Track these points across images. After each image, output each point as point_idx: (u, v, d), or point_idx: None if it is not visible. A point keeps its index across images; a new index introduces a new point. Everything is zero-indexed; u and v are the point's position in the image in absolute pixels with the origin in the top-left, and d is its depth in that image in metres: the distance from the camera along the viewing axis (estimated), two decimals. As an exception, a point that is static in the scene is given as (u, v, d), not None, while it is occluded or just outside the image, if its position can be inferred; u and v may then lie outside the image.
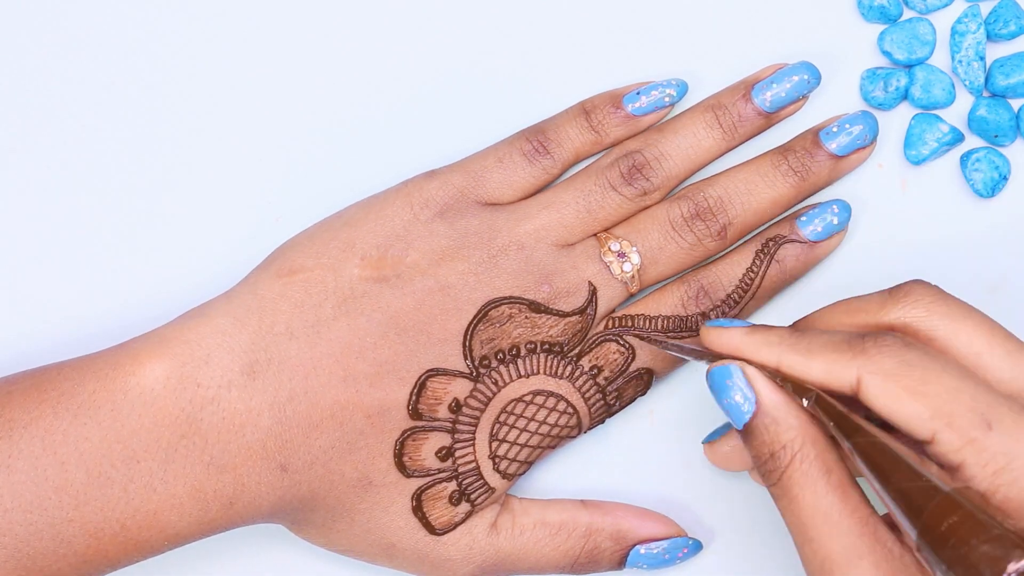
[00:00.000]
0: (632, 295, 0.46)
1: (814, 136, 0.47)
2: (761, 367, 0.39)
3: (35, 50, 0.49)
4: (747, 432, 0.39)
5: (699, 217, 0.46)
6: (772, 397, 0.39)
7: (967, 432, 0.36)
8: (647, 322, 0.46)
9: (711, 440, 0.45)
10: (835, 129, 0.46)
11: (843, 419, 0.37)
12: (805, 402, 0.38)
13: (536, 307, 0.45)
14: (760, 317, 0.48)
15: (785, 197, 0.46)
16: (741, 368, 0.39)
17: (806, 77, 0.46)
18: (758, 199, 0.46)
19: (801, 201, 0.47)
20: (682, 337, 0.46)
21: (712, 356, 0.41)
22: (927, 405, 0.36)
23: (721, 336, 0.40)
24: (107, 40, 0.49)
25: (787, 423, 0.38)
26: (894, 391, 0.37)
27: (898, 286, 0.40)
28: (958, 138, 0.47)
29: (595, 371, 0.45)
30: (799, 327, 0.41)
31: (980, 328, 0.39)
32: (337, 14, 0.49)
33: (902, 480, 0.35)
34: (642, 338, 0.45)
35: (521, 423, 0.45)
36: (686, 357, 0.43)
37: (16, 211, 0.48)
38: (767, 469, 0.38)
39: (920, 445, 0.37)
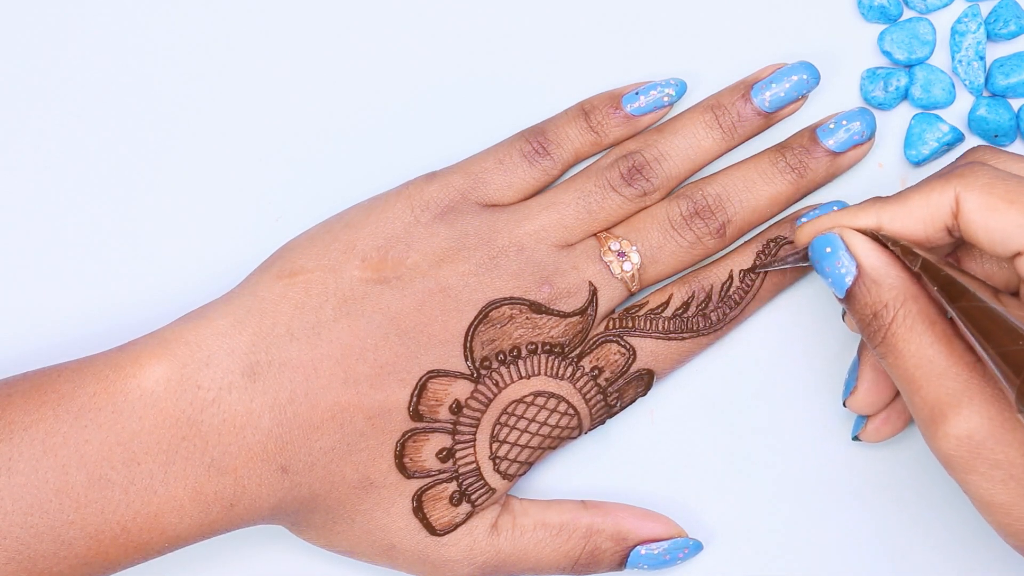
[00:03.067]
0: (633, 294, 0.46)
1: (811, 133, 0.47)
2: (863, 232, 0.41)
3: (35, 51, 0.49)
4: (849, 298, 0.40)
5: (698, 215, 0.46)
6: (872, 259, 0.40)
7: None
8: (647, 322, 0.46)
9: (849, 395, 0.45)
10: (832, 126, 0.46)
11: (950, 283, 0.38)
12: (913, 267, 0.39)
13: (537, 308, 0.45)
14: (760, 317, 0.48)
15: (784, 194, 0.46)
16: (840, 234, 0.41)
17: (805, 77, 0.46)
18: (756, 196, 0.46)
19: (800, 198, 0.47)
20: (684, 338, 0.46)
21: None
22: (1022, 211, 0.38)
23: (817, 222, 0.42)
24: (107, 41, 0.49)
25: (887, 283, 0.40)
26: (991, 202, 0.38)
27: (954, 163, 0.42)
28: (958, 138, 0.47)
29: (596, 372, 0.45)
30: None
31: None
32: (337, 15, 0.49)
33: (1005, 342, 0.36)
34: (762, 267, 0.46)
35: (522, 424, 0.45)
36: (787, 266, 0.44)
37: (16, 212, 0.48)
38: (871, 330, 0.40)
39: (1016, 259, 0.38)
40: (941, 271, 0.38)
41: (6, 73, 0.49)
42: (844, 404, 0.45)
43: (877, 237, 0.40)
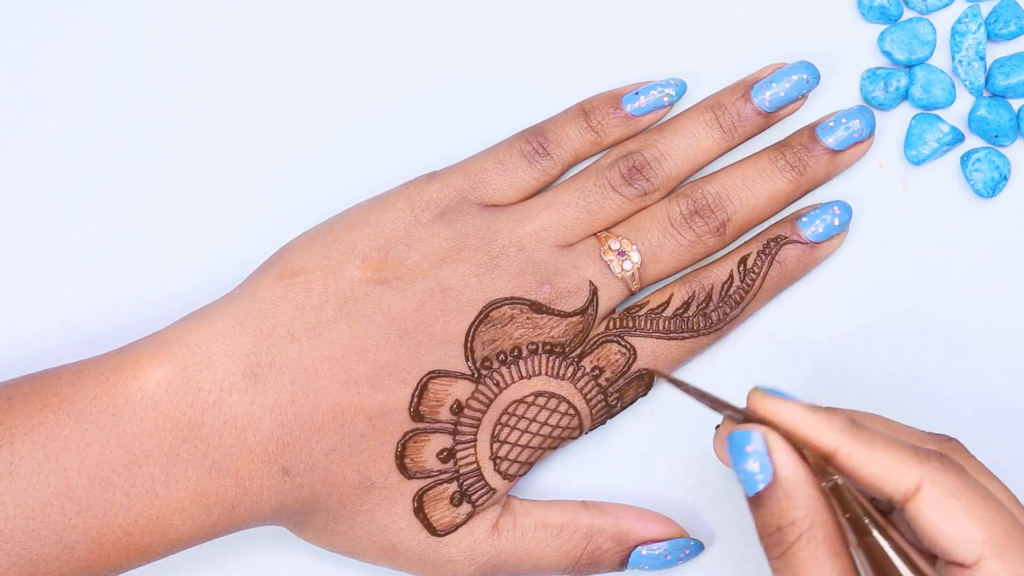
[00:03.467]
0: (633, 294, 0.46)
1: (811, 131, 0.47)
2: (815, 449, 0.37)
3: (35, 51, 0.49)
4: (757, 501, 0.37)
5: (698, 214, 0.46)
6: (790, 471, 0.37)
7: (1015, 566, 0.35)
8: (648, 322, 0.46)
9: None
10: (832, 124, 0.46)
11: (856, 516, 0.36)
12: (824, 484, 0.37)
13: (537, 308, 0.45)
14: (760, 317, 0.48)
15: (783, 193, 0.46)
16: (764, 436, 0.37)
17: (805, 76, 0.46)
18: (756, 195, 0.46)
19: (799, 197, 0.47)
20: (684, 338, 0.46)
21: (739, 413, 0.38)
22: (983, 531, 0.36)
23: (777, 409, 0.37)
24: (108, 41, 0.49)
25: (800, 500, 0.37)
26: (953, 507, 0.36)
27: (936, 434, 0.40)
28: (958, 138, 0.47)
29: (596, 372, 0.45)
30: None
31: (1006, 492, 0.39)
32: (337, 15, 0.49)
33: None
34: (673, 382, 0.40)
35: (522, 424, 0.45)
36: (707, 406, 0.39)
37: (16, 212, 0.48)
38: (772, 542, 0.37)
39: (952, 566, 0.36)
40: (855, 501, 0.36)
41: (6, 73, 0.49)
42: (716, 427, 0.42)
43: (795, 443, 0.37)
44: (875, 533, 0.36)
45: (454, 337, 0.44)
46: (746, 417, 0.38)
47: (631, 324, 0.46)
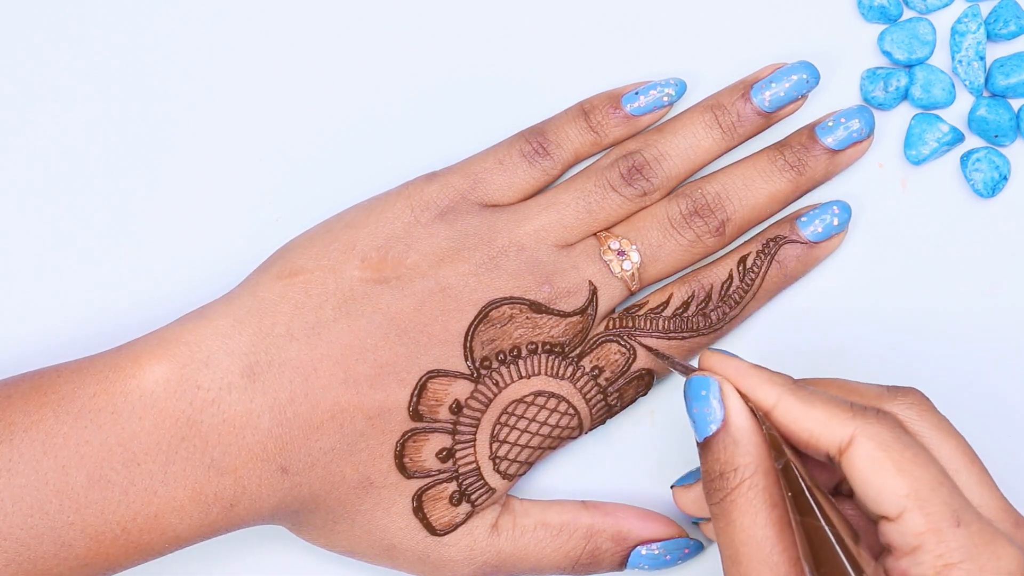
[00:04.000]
0: (633, 293, 0.46)
1: (810, 131, 0.47)
2: (756, 404, 0.39)
3: (35, 51, 0.49)
4: (704, 446, 0.39)
5: (697, 214, 0.46)
6: (740, 419, 0.39)
7: (936, 521, 0.36)
8: (648, 322, 0.46)
9: (682, 484, 0.45)
10: (831, 124, 0.46)
11: (801, 496, 0.37)
12: (776, 463, 0.38)
13: (537, 307, 0.45)
14: (760, 317, 0.48)
15: (783, 192, 0.46)
16: (720, 384, 0.39)
17: (805, 76, 0.46)
18: (755, 195, 0.46)
19: (799, 197, 0.47)
20: (684, 337, 0.46)
21: (692, 370, 0.41)
22: (908, 484, 0.37)
23: (724, 362, 0.40)
24: (107, 40, 0.49)
25: (745, 448, 0.39)
26: (882, 460, 0.37)
27: (897, 387, 0.41)
28: (958, 138, 0.47)
29: (596, 372, 0.45)
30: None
31: (961, 448, 0.40)
32: (337, 15, 0.49)
33: (833, 573, 0.36)
34: (645, 347, 0.45)
35: (522, 424, 0.45)
36: (676, 370, 0.42)
37: (16, 212, 0.48)
38: (714, 487, 0.39)
39: (875, 522, 0.38)
40: (799, 480, 0.37)
41: (6, 73, 0.49)
42: (671, 487, 0.46)
43: (754, 411, 0.39)
44: (820, 516, 0.37)
45: (453, 337, 0.44)
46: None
47: (631, 324, 0.46)
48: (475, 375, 0.44)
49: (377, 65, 0.49)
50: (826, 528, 0.36)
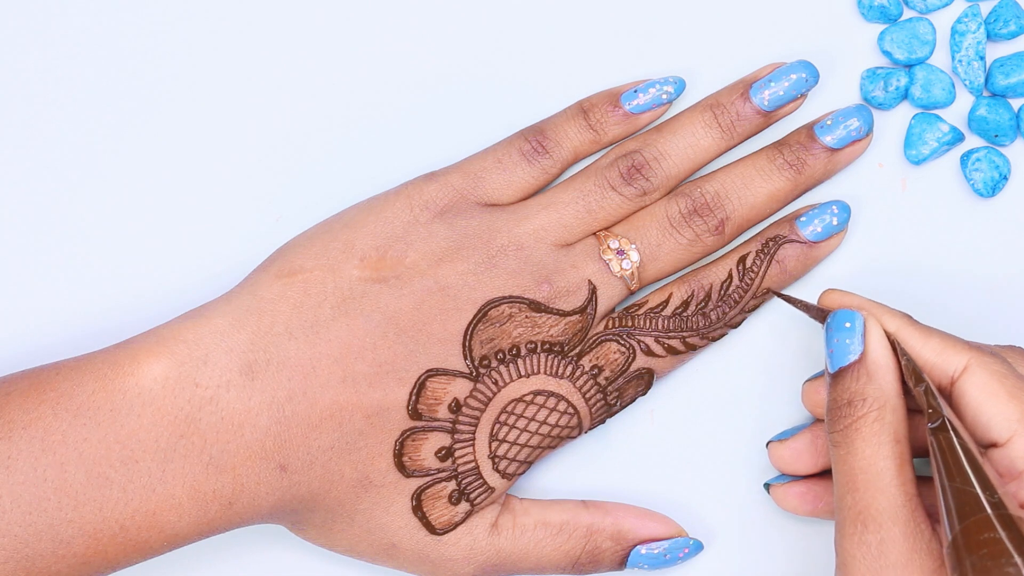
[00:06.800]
0: (632, 293, 0.46)
1: (809, 130, 0.47)
2: (893, 339, 0.41)
3: (35, 50, 0.49)
4: (837, 376, 0.41)
5: (696, 213, 0.46)
6: (879, 354, 0.41)
7: None
8: (647, 321, 0.46)
9: (779, 439, 0.46)
10: (830, 122, 0.46)
11: (938, 414, 0.39)
12: (916, 386, 0.40)
13: (536, 306, 0.45)
14: (760, 317, 0.48)
15: (782, 191, 0.46)
16: (866, 319, 0.41)
17: (804, 76, 0.46)
18: (755, 193, 0.46)
19: (798, 196, 0.47)
20: (683, 337, 0.46)
21: (821, 311, 0.43)
22: (1020, 409, 0.39)
23: (847, 297, 0.43)
24: (107, 40, 0.49)
25: (879, 382, 0.40)
26: (994, 387, 0.39)
27: (1008, 345, 0.43)
28: (958, 138, 0.47)
29: (596, 371, 0.45)
30: None
31: None
32: (337, 15, 0.49)
33: (965, 483, 0.37)
34: (772, 293, 0.46)
35: (521, 423, 0.45)
36: (805, 313, 0.44)
37: (16, 212, 0.48)
38: (839, 415, 0.41)
39: (991, 450, 0.39)
40: (936, 400, 0.39)
41: (6, 73, 0.49)
42: (767, 444, 0.46)
43: (893, 343, 0.41)
44: (953, 430, 0.38)
45: (452, 336, 0.44)
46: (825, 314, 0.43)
47: (630, 323, 0.46)
48: (474, 374, 0.44)
49: (377, 65, 0.49)
50: (966, 442, 0.38)
